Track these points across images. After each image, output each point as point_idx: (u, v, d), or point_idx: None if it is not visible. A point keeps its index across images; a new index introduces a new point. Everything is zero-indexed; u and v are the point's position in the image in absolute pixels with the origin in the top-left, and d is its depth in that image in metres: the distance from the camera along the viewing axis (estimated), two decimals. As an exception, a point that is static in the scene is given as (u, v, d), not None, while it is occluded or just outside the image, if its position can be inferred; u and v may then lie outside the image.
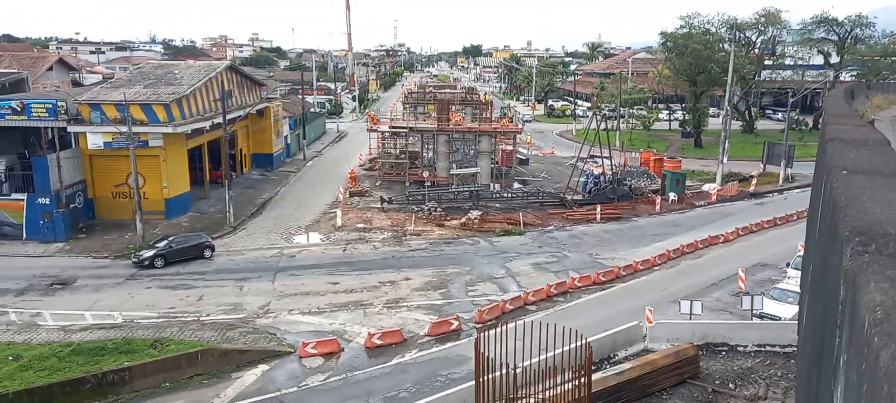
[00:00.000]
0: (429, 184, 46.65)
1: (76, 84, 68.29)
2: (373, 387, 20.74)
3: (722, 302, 27.52)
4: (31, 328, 24.61)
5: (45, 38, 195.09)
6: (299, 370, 21.97)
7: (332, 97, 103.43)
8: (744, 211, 43.09)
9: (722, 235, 36.69)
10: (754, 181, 50.13)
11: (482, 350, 14.32)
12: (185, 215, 39.74)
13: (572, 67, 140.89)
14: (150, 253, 32.22)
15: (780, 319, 23.73)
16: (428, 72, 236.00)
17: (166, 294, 28.50)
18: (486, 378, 14.36)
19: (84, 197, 38.07)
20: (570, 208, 42.53)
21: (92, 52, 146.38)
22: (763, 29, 74.87)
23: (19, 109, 35.81)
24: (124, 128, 34.45)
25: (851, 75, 79.40)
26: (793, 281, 26.30)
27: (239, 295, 28.52)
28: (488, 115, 56.90)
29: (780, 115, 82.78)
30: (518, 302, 27.20)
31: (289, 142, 61.95)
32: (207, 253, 33.33)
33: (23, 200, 35.38)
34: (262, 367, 22.09)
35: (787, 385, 19.08)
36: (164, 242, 33.12)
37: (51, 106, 36.05)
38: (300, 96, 71.13)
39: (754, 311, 24.28)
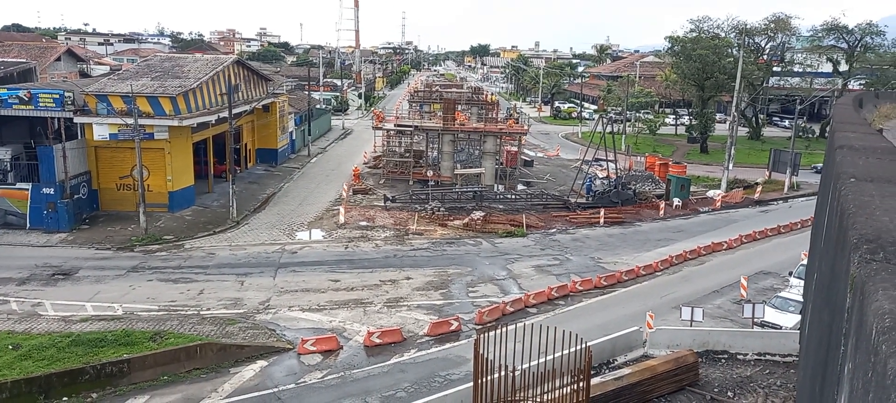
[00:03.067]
0: (432, 183, 46.61)
1: (84, 75, 68.56)
2: (371, 386, 20.68)
3: (723, 310, 27.39)
4: (32, 317, 24.63)
5: (54, 28, 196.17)
6: (298, 367, 21.91)
7: (338, 94, 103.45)
8: (748, 219, 42.92)
9: (725, 242, 36.56)
10: (759, 188, 49.92)
11: (481, 351, 14.25)
12: (189, 209, 39.76)
13: (580, 69, 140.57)
14: None
15: (781, 328, 23.62)
16: (435, 70, 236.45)
17: (167, 287, 28.49)
18: (484, 379, 14.28)
19: (88, 188, 38.13)
20: (573, 211, 42.42)
21: (100, 44, 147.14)
22: (772, 35, 74.57)
23: (26, 99, 35.88)
24: (130, 120, 34.49)
25: (860, 84, 79.14)
26: (795, 290, 26.19)
27: (240, 290, 28.50)
28: (494, 116, 56.88)
29: (787, 123, 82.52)
30: (519, 304, 27.11)
31: (294, 138, 62.00)
32: None
33: (27, 190, 35.45)
34: (261, 363, 22.06)
35: (786, 395, 18.96)
36: None
37: (58, 96, 36.10)
38: (306, 92, 71.16)
39: (755, 319, 24.15)
